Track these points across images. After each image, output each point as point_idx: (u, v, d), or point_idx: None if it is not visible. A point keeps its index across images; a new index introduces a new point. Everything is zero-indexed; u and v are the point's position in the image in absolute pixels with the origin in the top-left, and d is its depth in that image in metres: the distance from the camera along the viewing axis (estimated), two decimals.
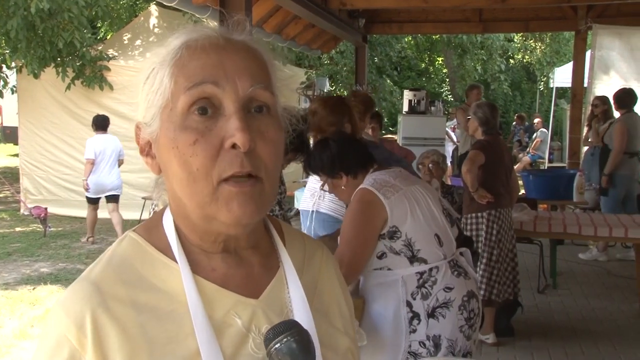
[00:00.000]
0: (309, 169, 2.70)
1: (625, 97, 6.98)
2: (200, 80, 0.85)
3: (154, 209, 2.51)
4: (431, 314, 2.36)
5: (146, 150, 0.94)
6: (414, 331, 2.36)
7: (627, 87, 7.54)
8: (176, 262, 0.91)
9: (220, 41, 0.88)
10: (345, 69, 16.88)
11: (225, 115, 0.85)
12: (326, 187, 2.71)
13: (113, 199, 8.04)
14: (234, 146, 0.84)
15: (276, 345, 0.84)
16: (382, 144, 4.59)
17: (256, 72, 0.88)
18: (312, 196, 4.70)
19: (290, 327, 0.85)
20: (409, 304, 2.37)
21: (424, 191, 2.48)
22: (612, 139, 6.80)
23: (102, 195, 7.94)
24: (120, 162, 8.04)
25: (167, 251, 0.92)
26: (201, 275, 0.91)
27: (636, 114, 6.95)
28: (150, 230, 0.96)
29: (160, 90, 0.88)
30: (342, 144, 2.63)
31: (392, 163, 3.22)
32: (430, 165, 5.08)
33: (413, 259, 2.37)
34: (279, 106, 0.93)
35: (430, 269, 2.38)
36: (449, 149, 13.08)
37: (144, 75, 0.92)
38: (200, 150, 0.84)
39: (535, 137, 14.95)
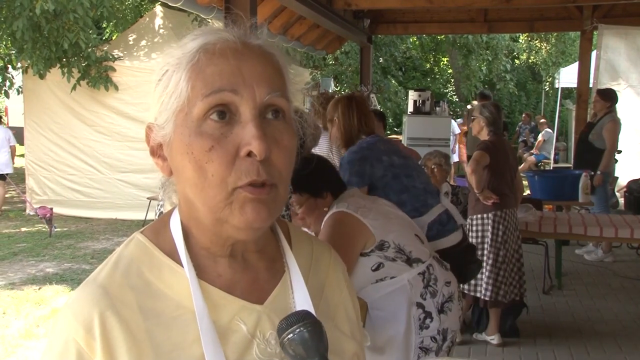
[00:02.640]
0: (294, 187, 2.58)
1: (613, 95, 7.03)
2: (219, 88, 0.85)
3: (160, 210, 2.51)
4: (441, 310, 2.44)
5: (157, 152, 0.93)
6: (427, 327, 2.42)
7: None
8: (182, 266, 0.91)
9: (238, 46, 0.88)
10: (350, 69, 16.90)
11: (241, 121, 0.85)
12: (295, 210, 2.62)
13: (1, 177, 10.12)
14: (249, 154, 0.84)
15: (289, 336, 0.84)
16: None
17: (273, 78, 0.88)
18: None
19: (303, 318, 0.86)
20: (420, 305, 2.41)
21: (387, 202, 2.60)
22: (599, 137, 6.84)
23: None
24: (12, 149, 10.37)
25: (173, 254, 0.92)
26: (207, 280, 0.91)
27: (616, 112, 7.07)
28: (158, 232, 0.96)
29: (176, 93, 0.87)
30: (324, 163, 2.63)
31: (398, 158, 3.27)
32: (433, 167, 5.06)
33: (410, 261, 2.41)
34: (293, 111, 0.92)
35: (427, 267, 2.45)
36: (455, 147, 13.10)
37: (156, 76, 0.91)
38: (216, 157, 0.84)
39: (539, 137, 14.94)
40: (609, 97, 7.00)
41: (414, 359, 2.40)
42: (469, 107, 14.53)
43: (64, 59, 9.18)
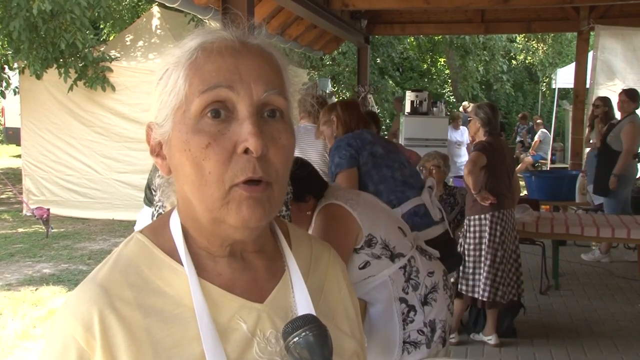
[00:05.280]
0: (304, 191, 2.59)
1: (637, 96, 6.93)
2: (215, 84, 0.85)
3: (159, 211, 2.49)
4: (425, 302, 2.44)
5: (157, 150, 0.93)
6: (412, 321, 2.41)
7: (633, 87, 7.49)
8: (182, 265, 0.91)
9: (236, 44, 0.88)
10: (347, 69, 16.91)
11: (238, 119, 0.85)
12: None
13: None
14: (246, 151, 0.84)
15: (294, 339, 0.85)
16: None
17: (271, 77, 0.89)
18: None
19: (309, 322, 0.86)
20: (403, 300, 2.41)
21: (369, 195, 2.63)
22: (618, 139, 6.75)
23: None
24: None
25: (173, 254, 0.92)
26: (207, 279, 0.92)
27: (637, 115, 6.94)
28: (157, 232, 0.96)
29: (174, 91, 0.88)
30: (303, 165, 2.56)
31: (381, 149, 3.38)
32: (431, 168, 5.07)
33: (393, 257, 2.42)
34: (292, 111, 0.93)
35: (409, 260, 2.45)
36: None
37: (157, 76, 0.92)
38: (212, 154, 0.84)
39: (535, 138, 14.97)
40: (637, 97, 6.90)
41: (399, 353, 2.41)
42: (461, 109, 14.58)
43: (61, 60, 9.15)
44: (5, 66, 9.89)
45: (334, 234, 2.37)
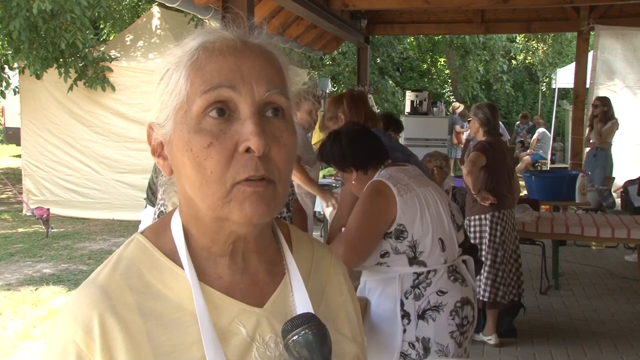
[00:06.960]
0: (322, 159, 2.76)
1: None
2: (217, 84, 0.85)
3: (160, 210, 2.50)
4: (421, 316, 2.36)
5: (158, 151, 0.93)
6: (404, 331, 2.37)
7: None
8: (183, 268, 0.91)
9: (238, 44, 0.88)
10: (347, 69, 16.91)
11: (240, 118, 0.85)
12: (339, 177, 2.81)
13: None
14: (248, 150, 0.84)
15: (294, 337, 0.84)
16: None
17: (272, 76, 0.89)
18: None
19: (308, 320, 0.86)
20: (401, 302, 2.38)
21: (436, 194, 2.49)
22: None
23: None
24: None
25: (174, 256, 0.92)
26: (207, 282, 0.91)
27: None
28: (158, 233, 0.96)
29: (176, 91, 0.88)
30: (353, 138, 2.62)
31: (405, 158, 3.29)
32: (433, 169, 5.07)
33: (413, 260, 2.37)
34: (294, 110, 0.93)
35: (428, 272, 2.38)
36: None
37: (158, 76, 0.92)
38: (214, 153, 0.84)
39: (534, 136, 14.95)
40: None
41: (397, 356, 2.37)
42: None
43: (61, 59, 9.15)
44: (5, 66, 9.88)
45: (370, 208, 2.39)
